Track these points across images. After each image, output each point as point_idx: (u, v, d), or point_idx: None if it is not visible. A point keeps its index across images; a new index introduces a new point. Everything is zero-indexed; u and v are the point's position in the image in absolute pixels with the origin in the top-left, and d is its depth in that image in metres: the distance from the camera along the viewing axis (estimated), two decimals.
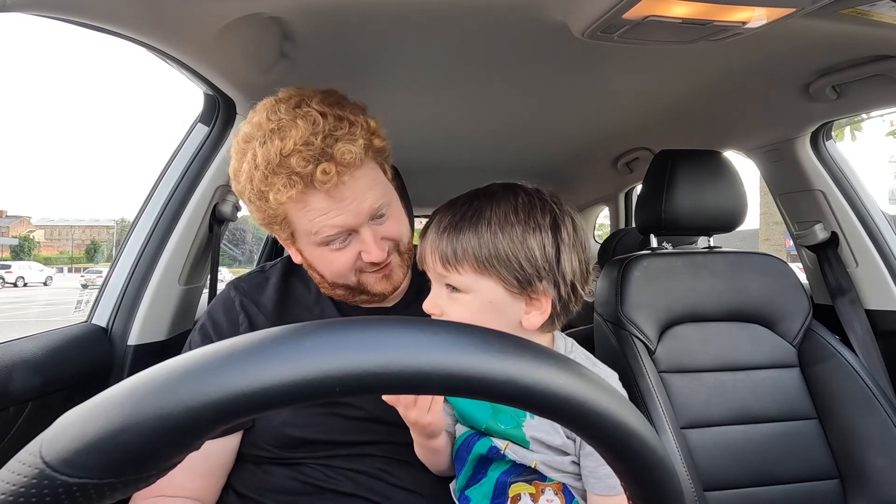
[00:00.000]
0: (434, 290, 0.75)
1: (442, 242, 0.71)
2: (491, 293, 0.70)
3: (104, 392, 0.26)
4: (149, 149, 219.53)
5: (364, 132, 0.82)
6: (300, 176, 0.78)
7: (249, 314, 0.92)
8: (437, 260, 0.72)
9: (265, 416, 0.85)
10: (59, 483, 0.24)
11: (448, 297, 0.73)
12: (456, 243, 0.70)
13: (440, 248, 0.72)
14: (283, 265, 1.02)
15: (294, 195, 0.78)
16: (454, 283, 0.72)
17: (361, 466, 0.85)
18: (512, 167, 2.44)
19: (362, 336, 0.28)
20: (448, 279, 0.72)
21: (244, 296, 0.95)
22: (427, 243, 0.74)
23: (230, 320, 0.92)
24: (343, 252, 0.85)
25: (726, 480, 1.22)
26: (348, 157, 0.78)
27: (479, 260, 0.69)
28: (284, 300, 0.96)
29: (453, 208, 0.74)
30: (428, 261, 0.74)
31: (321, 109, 0.80)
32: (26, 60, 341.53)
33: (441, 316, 0.74)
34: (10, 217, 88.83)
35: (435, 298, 0.75)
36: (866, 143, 5.16)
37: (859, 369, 1.30)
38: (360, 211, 0.83)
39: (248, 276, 1.01)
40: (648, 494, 0.32)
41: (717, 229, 1.45)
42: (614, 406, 0.30)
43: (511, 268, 0.69)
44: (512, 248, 0.69)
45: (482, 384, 0.28)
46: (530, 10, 0.96)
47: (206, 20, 0.93)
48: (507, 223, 0.70)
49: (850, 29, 0.96)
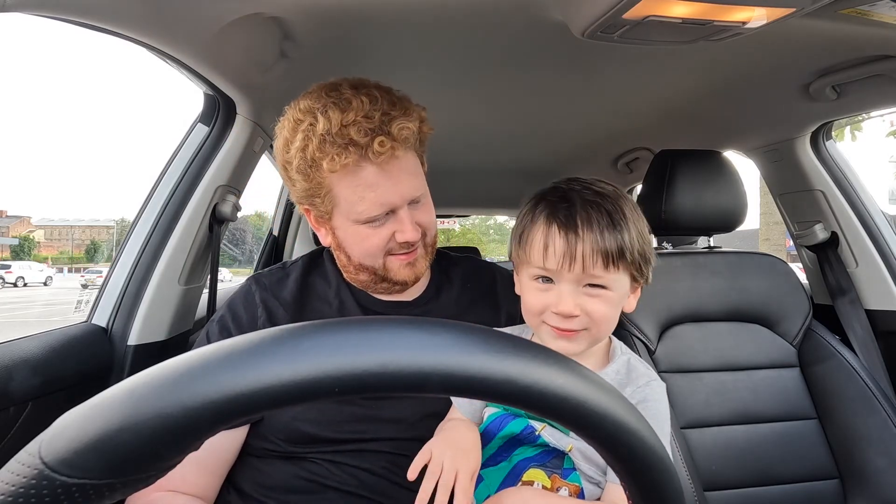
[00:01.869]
0: (569, 291, 0.72)
1: (606, 241, 0.71)
2: (625, 286, 0.74)
3: (103, 393, 0.26)
4: (149, 149, 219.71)
5: (417, 117, 0.88)
6: (357, 146, 0.81)
7: (269, 308, 0.93)
8: (598, 261, 0.70)
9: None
10: (58, 483, 0.24)
11: (586, 295, 0.72)
12: (620, 241, 0.71)
13: (605, 246, 0.70)
14: (304, 262, 1.03)
15: (350, 164, 0.81)
16: (606, 280, 0.72)
17: (366, 464, 0.85)
18: (512, 167, 2.44)
19: (362, 336, 0.28)
20: (602, 278, 0.72)
21: (264, 290, 0.96)
22: (585, 244, 0.71)
23: (249, 313, 0.93)
24: (378, 230, 0.88)
25: (726, 480, 1.22)
26: (405, 134, 0.83)
27: (631, 256, 0.72)
28: (304, 295, 0.97)
29: (591, 208, 0.72)
30: (585, 261, 0.70)
31: (379, 91, 0.86)
32: (26, 60, 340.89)
33: (580, 316, 0.72)
34: (10, 217, 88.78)
35: (574, 299, 0.72)
36: (866, 143, 5.16)
37: (859, 369, 1.30)
38: (404, 192, 0.87)
39: (269, 272, 1.02)
40: (648, 494, 0.32)
41: (717, 229, 1.45)
42: (614, 406, 0.30)
43: (643, 261, 0.74)
44: (645, 242, 0.74)
45: (482, 384, 0.28)
46: (530, 11, 0.96)
47: (206, 20, 0.93)
48: (639, 219, 0.75)
49: (850, 29, 0.96)
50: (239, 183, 1.43)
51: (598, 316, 0.73)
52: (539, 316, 0.75)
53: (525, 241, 0.77)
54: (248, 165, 1.45)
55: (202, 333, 0.96)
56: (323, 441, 0.85)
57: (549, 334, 0.75)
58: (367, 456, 0.85)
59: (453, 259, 1.10)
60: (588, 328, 0.73)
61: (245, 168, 1.43)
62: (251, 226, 8.55)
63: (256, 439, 0.87)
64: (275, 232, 2.49)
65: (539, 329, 0.77)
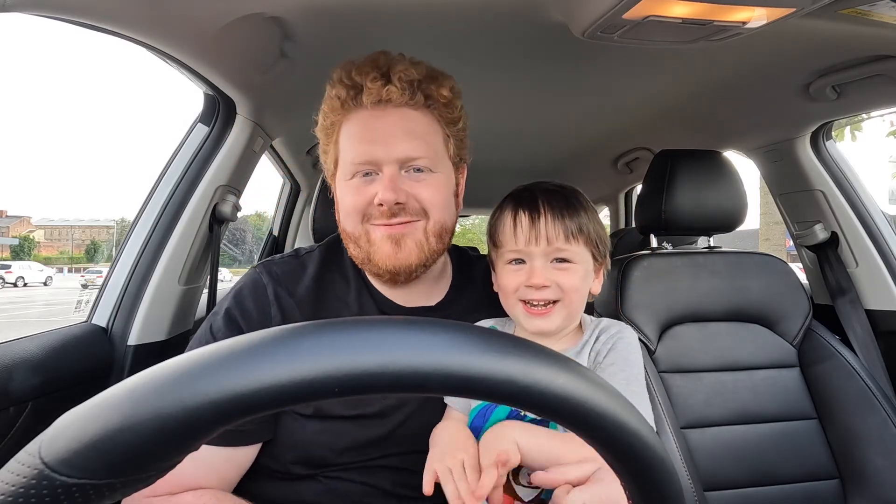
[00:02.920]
0: (539, 265, 0.82)
1: (565, 219, 0.82)
2: (588, 262, 0.85)
3: (103, 393, 0.26)
4: (149, 149, 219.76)
5: (430, 77, 0.85)
6: (353, 85, 0.82)
7: (283, 307, 0.86)
8: (559, 234, 0.82)
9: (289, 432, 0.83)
10: (58, 483, 0.24)
11: (555, 269, 0.82)
12: (578, 220, 0.83)
13: (564, 223, 0.82)
14: (322, 255, 0.96)
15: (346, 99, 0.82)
16: (569, 254, 0.82)
17: (372, 480, 0.83)
18: (512, 167, 2.44)
19: (362, 336, 0.28)
20: (565, 252, 0.82)
21: (278, 283, 0.89)
22: (547, 220, 0.82)
23: (260, 309, 0.86)
24: (360, 190, 0.84)
25: (726, 480, 1.22)
26: (401, 75, 0.81)
27: (588, 234, 0.84)
28: (322, 294, 0.91)
29: (550, 195, 0.84)
30: (549, 234, 0.81)
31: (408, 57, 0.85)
32: (26, 60, 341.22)
33: (550, 286, 0.81)
34: (10, 217, 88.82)
35: (544, 273, 0.81)
36: (866, 143, 5.15)
37: (859, 369, 1.30)
38: (392, 148, 0.82)
39: (281, 261, 0.94)
40: (648, 494, 0.32)
41: (717, 229, 1.45)
42: (614, 406, 0.30)
43: (599, 242, 0.85)
44: (601, 227, 0.86)
45: (482, 384, 0.28)
46: (531, 11, 0.96)
47: (206, 20, 0.93)
48: (594, 211, 0.87)
49: (850, 29, 0.96)
50: (239, 183, 1.43)
51: (568, 286, 0.82)
52: (514, 294, 0.83)
53: (497, 230, 0.87)
54: (248, 165, 1.45)
55: (205, 325, 0.89)
56: (333, 465, 0.83)
57: (524, 314, 0.83)
58: (375, 472, 0.84)
59: (471, 257, 1.05)
60: (560, 299, 0.82)
61: (245, 168, 1.43)
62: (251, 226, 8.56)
63: (266, 458, 0.85)
64: (275, 232, 2.49)
65: (514, 310, 0.85)
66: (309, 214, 1.60)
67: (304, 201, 2.46)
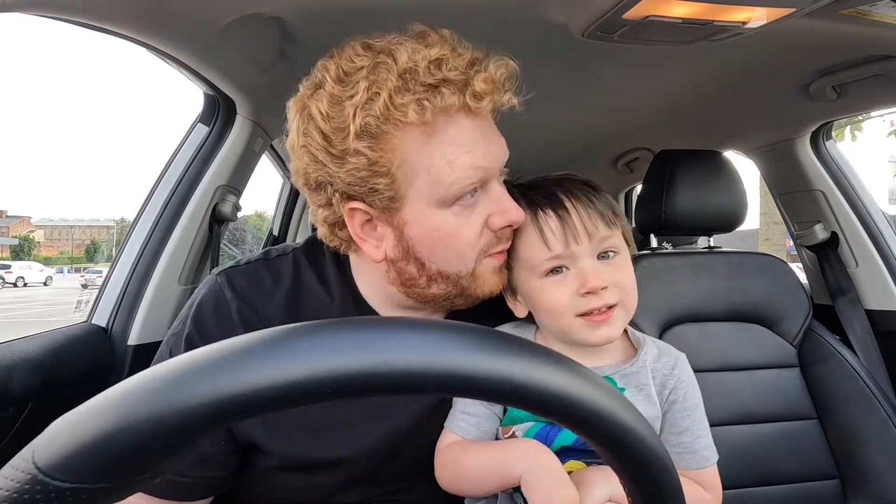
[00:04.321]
0: (588, 265, 0.69)
1: (596, 204, 0.71)
2: (627, 251, 0.74)
3: (95, 397, 0.26)
4: (149, 149, 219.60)
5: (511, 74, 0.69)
6: (454, 85, 0.61)
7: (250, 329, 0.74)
8: (598, 222, 0.69)
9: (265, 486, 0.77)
10: (51, 488, 0.24)
11: (606, 267, 0.70)
12: (608, 202, 0.72)
13: (598, 209, 0.70)
14: (296, 258, 0.79)
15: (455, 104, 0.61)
16: (614, 244, 0.71)
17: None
18: (511, 167, 2.44)
19: (355, 337, 0.28)
20: (609, 241, 0.71)
21: (243, 301, 0.74)
22: (580, 211, 0.69)
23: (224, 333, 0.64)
24: (469, 219, 0.66)
25: (726, 480, 1.21)
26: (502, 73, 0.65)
27: (621, 217, 0.73)
28: (299, 312, 0.75)
29: (566, 183, 0.74)
30: (587, 226, 0.69)
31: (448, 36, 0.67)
32: (26, 60, 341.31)
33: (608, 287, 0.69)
34: (10, 217, 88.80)
35: (599, 273, 0.69)
36: (866, 143, 5.16)
37: (859, 369, 1.30)
38: (500, 154, 0.67)
39: (247, 269, 0.77)
40: (647, 492, 0.32)
41: (717, 229, 1.45)
42: (612, 405, 0.30)
43: (628, 226, 0.75)
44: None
45: (479, 384, 0.28)
46: (530, 11, 0.96)
47: (206, 20, 0.93)
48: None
49: (850, 29, 0.96)
50: (239, 183, 1.43)
51: (627, 283, 0.71)
52: (568, 311, 0.69)
53: (514, 244, 0.73)
54: (248, 165, 1.45)
55: (164, 346, 0.77)
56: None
57: (586, 327, 0.69)
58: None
59: None
60: (621, 301, 0.70)
61: (245, 168, 1.43)
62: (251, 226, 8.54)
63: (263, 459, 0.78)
64: (275, 232, 2.49)
65: (571, 329, 0.70)
66: (309, 214, 1.60)
67: (304, 201, 2.46)
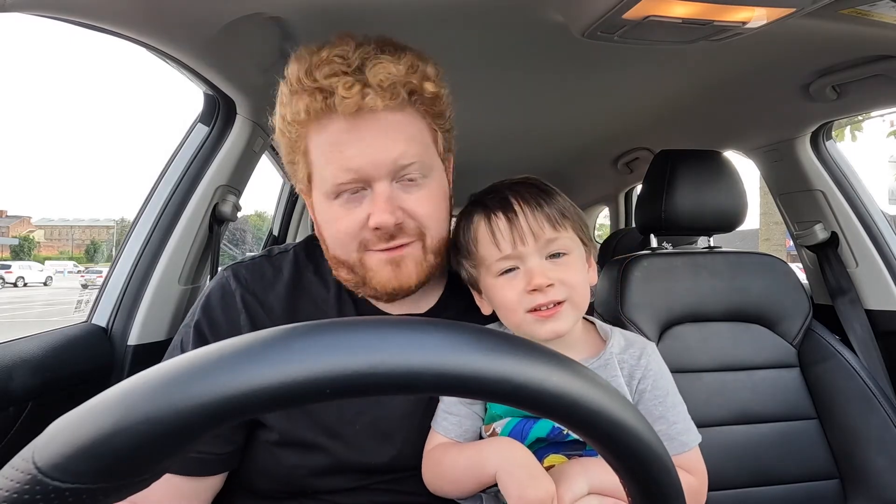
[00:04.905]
0: (535, 265, 0.73)
1: (544, 207, 0.75)
2: (580, 249, 0.78)
3: (95, 397, 0.26)
4: (149, 149, 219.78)
5: (411, 68, 0.72)
6: (321, 90, 0.69)
7: (253, 317, 0.80)
8: (544, 224, 0.74)
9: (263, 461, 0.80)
10: (51, 488, 0.24)
11: (554, 266, 0.74)
12: (557, 205, 0.76)
13: (545, 212, 0.75)
14: (296, 255, 0.88)
15: (315, 110, 0.69)
16: (561, 245, 0.75)
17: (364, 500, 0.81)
18: (511, 167, 2.44)
19: (353, 337, 0.28)
20: (556, 242, 0.75)
21: (246, 290, 0.82)
22: (527, 214, 0.74)
23: (230, 319, 0.80)
24: (351, 212, 0.74)
25: (726, 480, 1.22)
26: (381, 78, 0.68)
27: (573, 217, 0.77)
28: (296, 301, 0.83)
29: (519, 188, 0.77)
30: (533, 228, 0.73)
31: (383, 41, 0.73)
32: (26, 60, 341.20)
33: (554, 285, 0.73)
34: (10, 217, 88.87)
35: (544, 272, 0.73)
36: (866, 143, 5.15)
37: (859, 369, 1.30)
38: (379, 158, 0.71)
39: (251, 264, 0.86)
40: (647, 491, 0.32)
41: (717, 229, 1.45)
42: (611, 403, 0.30)
43: (583, 224, 0.79)
44: (576, 207, 0.79)
45: (476, 383, 0.28)
46: (530, 11, 0.96)
47: (206, 20, 0.93)
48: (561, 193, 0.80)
49: (850, 29, 0.96)
50: (239, 183, 1.43)
51: (572, 280, 0.74)
52: (518, 307, 0.74)
53: (471, 244, 0.78)
54: (248, 165, 1.45)
55: (177, 338, 0.83)
56: (316, 489, 0.80)
57: (534, 322, 0.74)
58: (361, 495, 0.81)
59: None
60: (568, 298, 0.74)
61: (245, 168, 1.43)
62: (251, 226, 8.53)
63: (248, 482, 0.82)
64: (275, 232, 2.49)
65: (522, 324, 0.75)
66: (309, 214, 1.60)
67: (304, 201, 2.46)
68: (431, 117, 0.79)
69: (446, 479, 0.75)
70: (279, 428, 0.78)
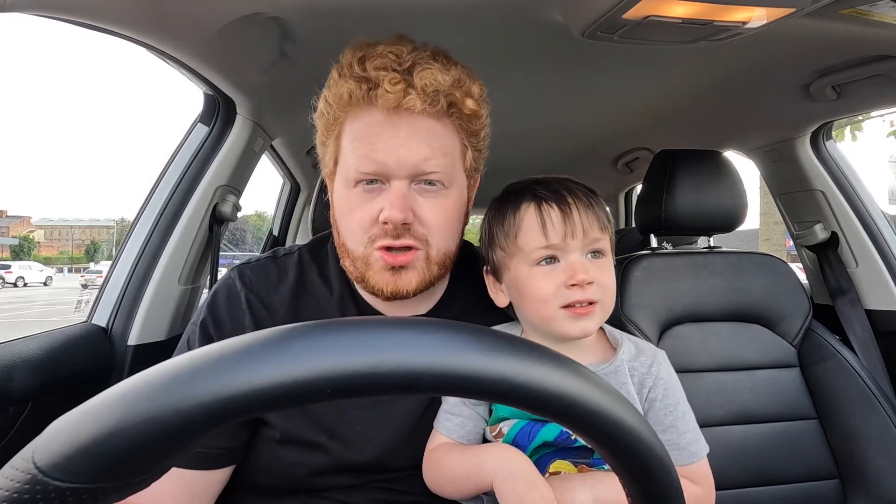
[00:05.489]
0: (580, 261, 0.74)
1: (594, 208, 0.78)
2: (611, 256, 0.80)
3: (95, 397, 0.26)
4: (149, 149, 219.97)
5: (457, 82, 0.75)
6: (367, 79, 0.72)
7: (257, 318, 0.82)
8: (594, 223, 0.76)
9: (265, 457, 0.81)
10: (51, 488, 0.24)
11: (593, 265, 0.75)
12: (603, 209, 0.79)
13: (595, 212, 0.77)
14: (301, 256, 0.89)
15: (357, 97, 0.72)
16: (603, 246, 0.77)
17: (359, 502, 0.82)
18: (511, 167, 2.44)
19: (353, 337, 0.28)
20: (600, 242, 0.77)
21: (250, 291, 0.84)
22: (580, 210, 0.76)
23: (234, 319, 0.82)
24: (367, 203, 0.76)
25: (726, 480, 1.21)
26: (426, 82, 0.71)
27: (610, 225, 0.79)
28: (300, 304, 0.84)
29: (569, 184, 0.80)
30: (584, 224, 0.75)
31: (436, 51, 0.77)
32: (26, 60, 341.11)
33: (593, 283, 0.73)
34: (10, 217, 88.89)
35: (585, 268, 0.74)
36: (866, 143, 5.16)
37: (859, 369, 1.30)
38: (403, 157, 0.73)
39: (257, 265, 0.88)
40: (647, 490, 0.32)
41: (717, 229, 1.45)
42: (611, 403, 0.30)
43: (613, 235, 0.81)
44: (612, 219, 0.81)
45: (475, 383, 0.28)
46: (530, 11, 0.96)
47: (206, 20, 0.93)
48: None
49: (850, 29, 0.96)
50: (239, 183, 1.43)
51: (608, 283, 0.75)
52: (553, 300, 0.73)
53: (513, 231, 0.78)
54: (248, 165, 1.45)
55: (184, 338, 0.85)
56: (316, 487, 0.81)
57: (567, 317, 0.73)
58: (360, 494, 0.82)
59: (473, 255, 0.95)
60: (600, 299, 0.74)
61: (245, 168, 1.43)
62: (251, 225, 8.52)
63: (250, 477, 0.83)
64: (275, 232, 2.49)
65: (553, 319, 0.74)
66: (309, 214, 1.60)
67: (304, 201, 2.46)
68: (465, 133, 0.81)
69: (446, 480, 0.76)
70: (280, 426, 0.79)
